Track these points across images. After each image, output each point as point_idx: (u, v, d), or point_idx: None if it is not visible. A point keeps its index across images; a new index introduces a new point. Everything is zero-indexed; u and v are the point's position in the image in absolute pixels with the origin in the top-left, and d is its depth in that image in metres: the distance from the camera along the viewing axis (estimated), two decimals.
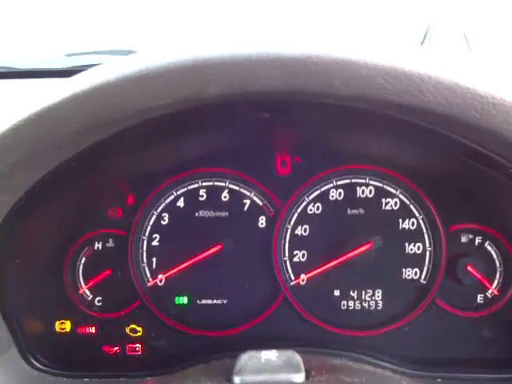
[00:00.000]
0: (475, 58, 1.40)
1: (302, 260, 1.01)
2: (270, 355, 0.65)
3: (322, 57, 0.52)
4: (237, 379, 0.61)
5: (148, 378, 0.92)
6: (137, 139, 0.79)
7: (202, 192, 1.02)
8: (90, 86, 0.57)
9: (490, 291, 0.98)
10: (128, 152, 0.85)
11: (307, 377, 0.62)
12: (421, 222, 0.99)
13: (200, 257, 0.99)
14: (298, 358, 0.64)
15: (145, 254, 1.02)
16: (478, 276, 0.97)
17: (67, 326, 1.01)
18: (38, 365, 0.94)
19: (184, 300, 1.02)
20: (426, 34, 1.55)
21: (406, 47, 0.58)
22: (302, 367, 0.62)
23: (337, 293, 1.01)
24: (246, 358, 0.65)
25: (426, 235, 0.99)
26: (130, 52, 1.59)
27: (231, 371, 0.63)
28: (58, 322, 1.01)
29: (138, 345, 1.01)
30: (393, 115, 0.63)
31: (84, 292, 1.02)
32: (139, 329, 1.02)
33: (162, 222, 1.02)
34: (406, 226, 1.00)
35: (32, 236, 0.92)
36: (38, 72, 1.52)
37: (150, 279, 1.02)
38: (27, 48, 1.72)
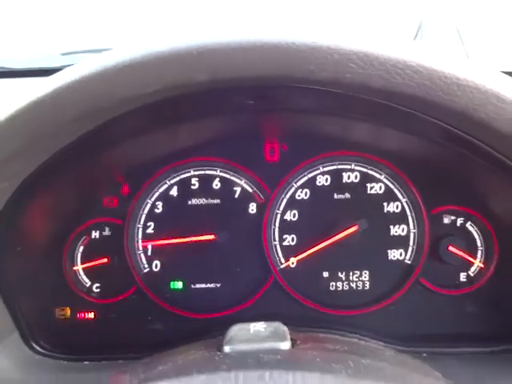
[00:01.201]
0: (469, 52, 1.43)
1: (292, 244, 1.05)
2: (258, 327, 0.69)
3: (299, 43, 0.56)
4: (226, 348, 0.64)
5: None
6: (129, 128, 0.82)
7: (194, 181, 1.06)
8: (83, 74, 0.61)
9: (472, 269, 1.02)
10: (121, 142, 0.89)
11: (293, 345, 0.66)
12: (405, 204, 1.03)
13: (193, 243, 1.03)
14: (284, 328, 0.68)
15: (140, 241, 1.06)
16: (460, 255, 1.01)
17: (67, 311, 1.05)
18: (39, 349, 0.98)
19: (179, 285, 1.06)
20: (418, 30, 1.59)
21: (378, 35, 0.62)
22: (288, 336, 0.66)
23: (325, 274, 1.05)
24: (236, 330, 0.68)
25: (409, 217, 1.03)
26: None
27: (221, 343, 0.67)
28: (57, 308, 1.04)
29: (135, 329, 1.05)
30: (370, 99, 0.67)
31: (82, 279, 1.06)
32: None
33: (156, 211, 1.06)
34: (391, 209, 1.04)
35: (30, 224, 0.95)
36: (33, 71, 1.56)
37: (146, 265, 1.06)
38: (22, 47, 1.75)
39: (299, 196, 1.05)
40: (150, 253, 1.06)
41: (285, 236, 1.05)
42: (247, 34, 0.58)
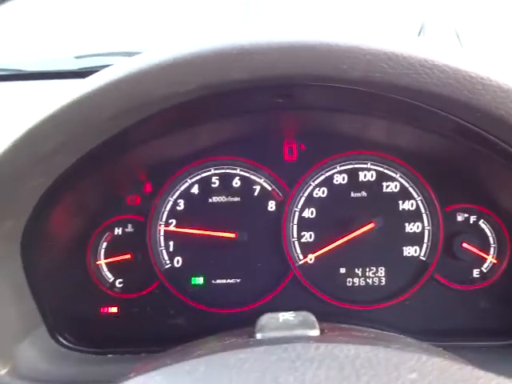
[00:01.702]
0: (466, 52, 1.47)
1: (310, 240, 1.08)
2: (287, 316, 0.72)
3: (333, 44, 0.60)
4: (259, 335, 0.67)
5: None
6: (156, 128, 0.86)
7: (214, 179, 1.09)
8: (123, 74, 0.65)
9: (485, 266, 1.06)
10: (147, 142, 0.92)
11: (321, 333, 0.68)
12: (419, 203, 1.07)
13: (214, 239, 1.06)
14: (312, 317, 0.71)
15: (162, 238, 1.09)
16: (473, 252, 1.04)
17: (91, 306, 1.07)
18: (65, 342, 1.01)
19: (200, 280, 1.09)
20: (420, 32, 1.63)
21: (405, 36, 0.66)
22: (317, 325, 0.69)
23: (343, 270, 1.08)
24: (266, 319, 0.71)
25: (424, 215, 1.06)
26: (136, 53, 1.67)
27: (252, 331, 0.70)
28: (82, 303, 1.07)
29: (157, 323, 1.08)
30: (394, 97, 0.70)
31: (106, 274, 1.09)
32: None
33: (178, 208, 1.09)
34: (406, 207, 1.07)
35: (58, 221, 0.98)
36: (49, 74, 1.59)
37: (168, 261, 1.08)
38: (38, 51, 1.79)
39: (317, 194, 1.08)
40: (171, 249, 1.09)
41: (303, 233, 1.08)
42: (283, 35, 0.62)
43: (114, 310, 1.08)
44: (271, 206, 1.09)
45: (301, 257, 1.08)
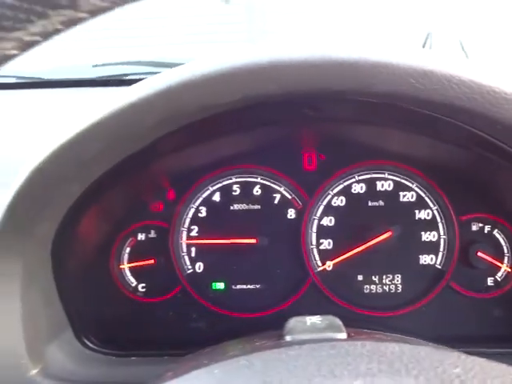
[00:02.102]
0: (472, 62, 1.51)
1: (328, 248, 1.11)
2: (314, 319, 0.75)
3: (364, 60, 0.63)
4: (288, 338, 0.70)
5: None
6: (186, 137, 0.89)
7: (235, 187, 1.12)
8: (165, 85, 0.68)
9: (499, 274, 1.08)
10: (175, 150, 0.95)
11: (348, 336, 0.71)
12: (435, 212, 1.10)
13: (235, 246, 1.09)
14: (338, 321, 0.74)
15: (184, 243, 1.12)
16: (488, 260, 1.07)
17: (115, 310, 1.10)
18: (90, 345, 1.03)
19: (221, 285, 1.12)
20: (424, 43, 1.67)
21: (430, 52, 0.69)
22: (344, 329, 0.72)
23: (360, 277, 1.11)
24: (293, 322, 0.74)
25: (440, 224, 1.09)
26: (150, 63, 1.71)
27: (280, 334, 0.73)
28: (106, 307, 1.10)
29: (179, 327, 1.10)
30: (415, 109, 0.73)
31: (129, 279, 1.12)
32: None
33: (200, 215, 1.12)
34: (422, 216, 1.10)
35: (85, 227, 1.01)
36: (67, 82, 1.64)
37: (190, 267, 1.11)
38: (57, 60, 1.83)
39: (335, 203, 1.11)
40: (193, 254, 1.12)
41: (321, 240, 1.11)
42: (318, 51, 0.65)
43: (137, 313, 1.11)
44: (291, 213, 1.12)
45: (319, 264, 1.10)
